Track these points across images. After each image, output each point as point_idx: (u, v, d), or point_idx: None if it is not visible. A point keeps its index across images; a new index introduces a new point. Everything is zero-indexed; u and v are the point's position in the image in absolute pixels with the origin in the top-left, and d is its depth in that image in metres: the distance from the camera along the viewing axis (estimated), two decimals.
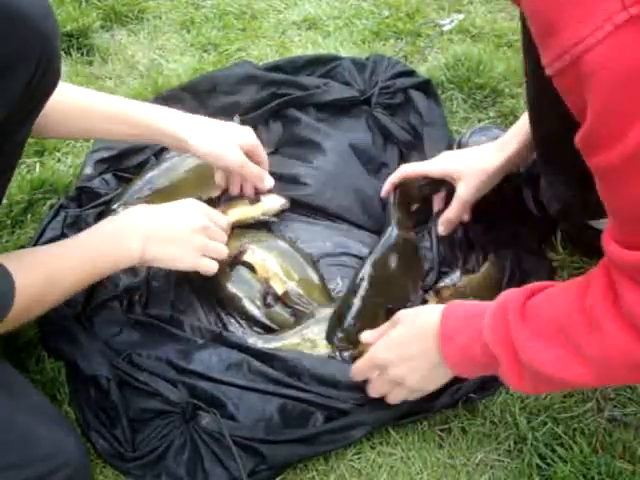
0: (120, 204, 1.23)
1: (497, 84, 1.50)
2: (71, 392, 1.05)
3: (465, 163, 1.16)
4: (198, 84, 1.45)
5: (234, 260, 1.18)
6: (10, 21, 0.75)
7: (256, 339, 1.10)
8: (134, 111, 1.13)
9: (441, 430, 1.02)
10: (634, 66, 0.56)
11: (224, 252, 1.11)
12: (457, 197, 1.16)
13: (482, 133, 1.33)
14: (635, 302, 0.68)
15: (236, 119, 1.37)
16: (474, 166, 1.15)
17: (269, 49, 1.64)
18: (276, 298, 1.15)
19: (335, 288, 1.18)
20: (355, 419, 0.98)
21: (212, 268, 1.08)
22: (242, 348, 1.06)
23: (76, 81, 1.53)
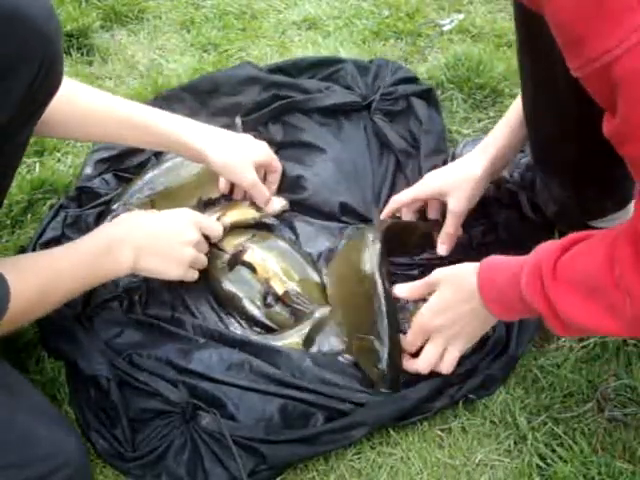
0: (120, 204, 1.23)
1: (497, 84, 1.50)
2: (71, 392, 1.05)
3: (451, 176, 1.15)
4: (199, 84, 1.45)
5: (234, 260, 1.18)
6: (12, 22, 0.75)
7: (256, 339, 1.10)
8: (151, 119, 1.13)
9: (441, 430, 1.02)
10: None
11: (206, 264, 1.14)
12: (450, 212, 1.14)
13: (475, 144, 1.32)
14: None
15: (237, 120, 1.38)
16: (460, 177, 1.14)
17: (269, 49, 1.64)
18: (276, 298, 1.15)
19: None
20: (355, 419, 0.98)
21: (194, 278, 1.12)
22: (244, 344, 1.06)
23: (76, 81, 1.53)
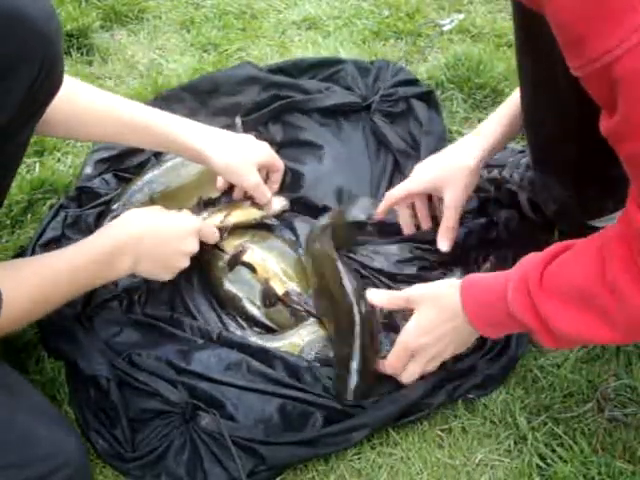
0: (120, 204, 1.23)
1: (497, 84, 1.50)
2: (71, 392, 1.04)
3: (445, 168, 1.13)
4: (199, 84, 1.45)
5: (234, 260, 1.18)
6: (12, 23, 0.75)
7: (256, 339, 1.10)
8: (152, 120, 1.13)
9: (441, 430, 1.02)
10: None
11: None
12: (448, 205, 1.12)
13: None
14: None
15: (237, 120, 1.38)
16: (456, 169, 1.12)
17: (269, 49, 1.64)
18: (276, 298, 1.15)
19: None
20: (355, 422, 0.98)
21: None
22: (242, 347, 1.06)
23: None
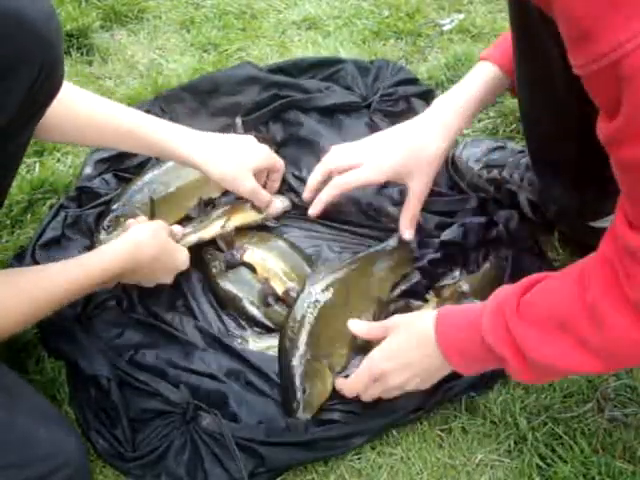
0: (120, 204, 1.23)
1: None
2: (71, 392, 1.05)
3: (409, 156, 1.06)
4: (199, 84, 1.45)
5: (232, 258, 1.18)
6: (12, 24, 0.75)
7: (256, 338, 1.11)
8: (148, 130, 1.12)
9: (441, 430, 1.02)
10: None
11: None
12: (414, 194, 1.06)
13: (474, 145, 1.32)
14: None
15: (237, 120, 1.38)
16: (422, 156, 1.05)
17: (269, 49, 1.64)
18: (276, 298, 1.15)
19: None
20: (354, 429, 0.98)
21: None
22: (240, 358, 1.06)
23: (76, 81, 1.53)
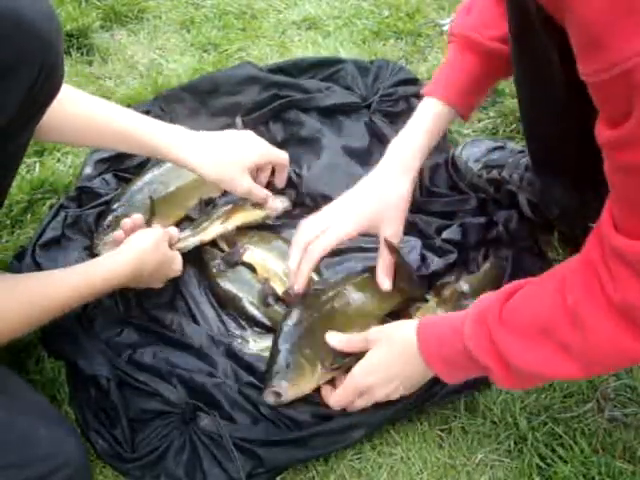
0: (120, 204, 1.23)
1: (497, 84, 1.49)
2: (71, 392, 1.05)
3: (376, 205, 1.04)
4: (199, 84, 1.45)
5: (231, 258, 1.18)
6: (12, 25, 0.75)
7: (256, 338, 1.11)
8: (144, 132, 1.12)
9: (441, 430, 1.02)
10: None
11: None
12: (388, 241, 1.03)
13: (474, 145, 1.33)
14: (638, 295, 0.69)
15: (238, 120, 1.38)
16: (390, 202, 1.04)
17: (269, 49, 1.64)
18: (276, 298, 1.15)
19: None
20: (352, 421, 0.98)
21: None
22: (240, 358, 1.06)
23: (76, 81, 1.53)
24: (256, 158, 1.20)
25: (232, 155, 1.17)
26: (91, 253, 1.16)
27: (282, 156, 1.24)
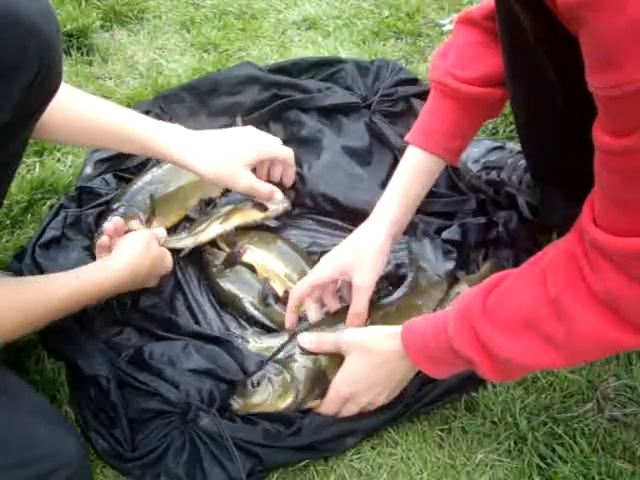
0: (120, 204, 1.23)
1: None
2: (71, 392, 1.04)
3: (350, 252, 1.06)
4: (199, 84, 1.45)
5: (231, 259, 1.18)
6: (10, 24, 0.75)
7: (255, 338, 1.11)
8: (141, 132, 1.11)
9: (441, 430, 1.02)
10: None
11: None
12: (357, 288, 1.04)
13: (473, 145, 1.32)
14: (619, 287, 0.70)
15: (238, 120, 1.38)
16: (361, 248, 1.05)
17: (269, 49, 1.65)
18: (276, 298, 1.15)
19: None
20: (346, 427, 0.98)
21: None
22: (240, 358, 1.06)
23: (76, 81, 1.53)
24: (256, 154, 1.17)
25: (231, 152, 1.14)
26: (91, 253, 1.16)
27: (286, 152, 1.22)
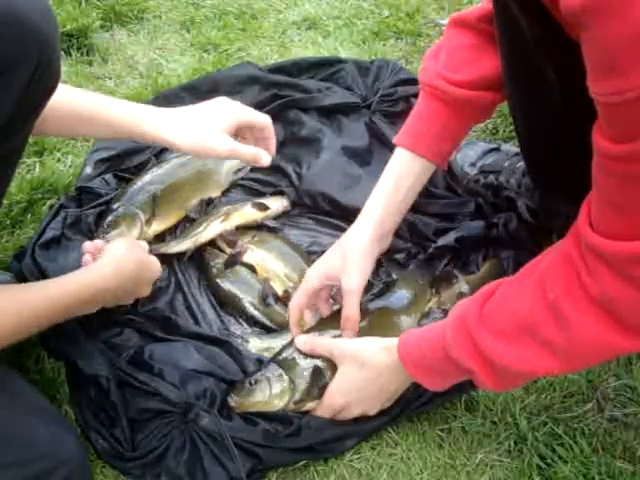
0: (120, 204, 1.23)
1: None
2: (71, 392, 1.04)
3: (337, 255, 1.06)
4: (199, 84, 1.45)
5: (232, 260, 1.18)
6: (7, 22, 0.75)
7: (255, 338, 1.11)
8: (116, 113, 1.08)
9: (441, 430, 1.02)
10: None
11: None
12: (346, 292, 1.03)
13: (469, 147, 1.32)
14: (616, 291, 0.70)
15: None
16: (347, 252, 1.05)
17: (269, 49, 1.65)
18: (276, 298, 1.15)
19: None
20: (345, 431, 0.99)
21: None
22: (240, 358, 1.07)
23: (76, 81, 1.53)
24: (232, 120, 1.12)
25: (205, 120, 1.10)
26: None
27: (264, 118, 1.15)
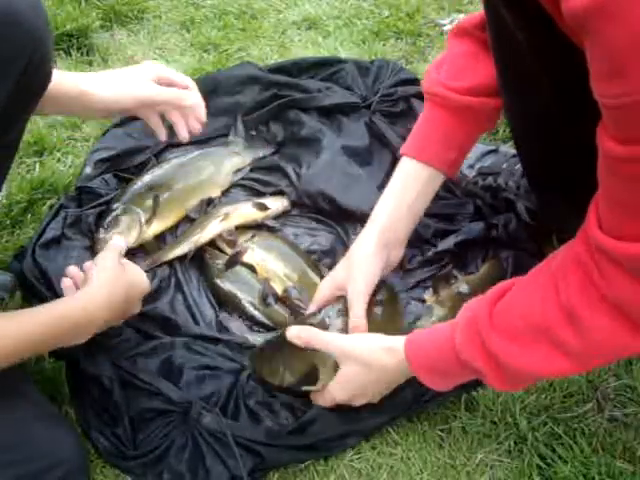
0: (120, 204, 1.23)
1: None
2: (72, 392, 1.04)
3: (344, 265, 1.07)
4: (199, 84, 1.44)
5: (232, 260, 1.18)
6: (2, 19, 0.75)
7: (256, 338, 1.11)
8: (62, 83, 1.02)
9: (441, 430, 1.02)
10: None
11: None
12: (352, 296, 1.03)
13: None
14: (629, 292, 0.70)
15: (238, 119, 1.38)
16: (353, 261, 1.06)
17: (269, 49, 1.65)
18: (276, 298, 1.15)
19: None
20: (348, 429, 0.99)
21: None
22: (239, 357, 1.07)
23: None
24: (152, 74, 1.12)
25: (126, 74, 1.10)
26: (91, 253, 1.16)
27: (183, 77, 1.15)
